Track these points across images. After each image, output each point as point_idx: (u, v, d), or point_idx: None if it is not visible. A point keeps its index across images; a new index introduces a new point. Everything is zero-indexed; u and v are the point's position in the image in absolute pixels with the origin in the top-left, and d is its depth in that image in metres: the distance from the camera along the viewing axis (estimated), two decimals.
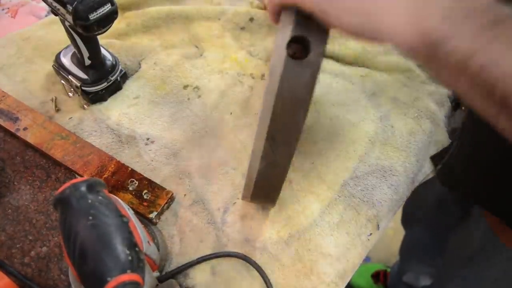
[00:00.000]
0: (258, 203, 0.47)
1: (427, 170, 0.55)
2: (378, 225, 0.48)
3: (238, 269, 0.44)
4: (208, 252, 0.45)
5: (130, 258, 0.29)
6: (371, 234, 0.48)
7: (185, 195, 0.49)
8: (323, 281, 0.44)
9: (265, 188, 0.39)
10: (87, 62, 0.52)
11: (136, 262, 0.30)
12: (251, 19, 0.68)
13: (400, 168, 0.53)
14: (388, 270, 1.13)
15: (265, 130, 0.33)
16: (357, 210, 0.49)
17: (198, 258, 0.43)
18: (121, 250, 0.30)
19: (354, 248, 0.46)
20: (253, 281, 0.43)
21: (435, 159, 0.56)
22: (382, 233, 0.49)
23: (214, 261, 0.44)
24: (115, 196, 0.40)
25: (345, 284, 0.44)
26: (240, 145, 0.54)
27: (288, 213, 0.48)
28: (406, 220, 0.91)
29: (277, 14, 0.32)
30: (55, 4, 0.44)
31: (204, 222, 0.47)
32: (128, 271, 0.29)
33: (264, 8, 0.70)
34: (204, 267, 0.44)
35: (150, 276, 0.33)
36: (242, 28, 0.68)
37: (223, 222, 0.47)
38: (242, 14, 0.68)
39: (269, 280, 0.43)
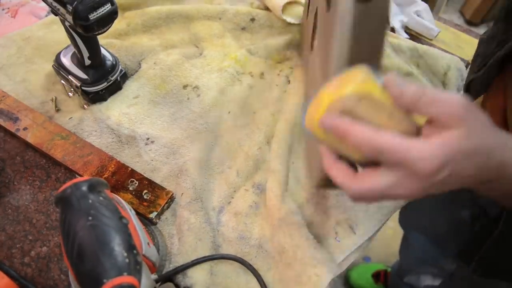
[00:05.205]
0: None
1: None
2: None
3: (236, 268, 0.45)
4: (206, 251, 0.45)
5: (127, 260, 0.29)
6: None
7: (182, 194, 0.49)
8: (318, 275, 0.43)
9: None
10: (87, 62, 0.52)
11: (133, 265, 0.30)
12: (252, 20, 0.68)
13: None
14: (389, 270, 1.13)
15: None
16: None
17: (193, 261, 0.43)
18: (119, 252, 0.29)
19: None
20: (251, 279, 0.44)
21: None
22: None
23: (211, 261, 0.45)
24: (117, 196, 0.40)
25: (338, 273, 0.44)
26: (237, 144, 0.54)
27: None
28: (403, 222, 0.91)
29: None
30: (55, 4, 0.44)
31: (202, 222, 0.47)
32: (125, 273, 0.29)
33: (265, 8, 0.70)
34: (203, 265, 0.44)
35: (148, 278, 0.33)
36: (243, 29, 0.68)
37: (218, 222, 0.47)
38: (243, 14, 0.68)
39: (263, 282, 0.43)
